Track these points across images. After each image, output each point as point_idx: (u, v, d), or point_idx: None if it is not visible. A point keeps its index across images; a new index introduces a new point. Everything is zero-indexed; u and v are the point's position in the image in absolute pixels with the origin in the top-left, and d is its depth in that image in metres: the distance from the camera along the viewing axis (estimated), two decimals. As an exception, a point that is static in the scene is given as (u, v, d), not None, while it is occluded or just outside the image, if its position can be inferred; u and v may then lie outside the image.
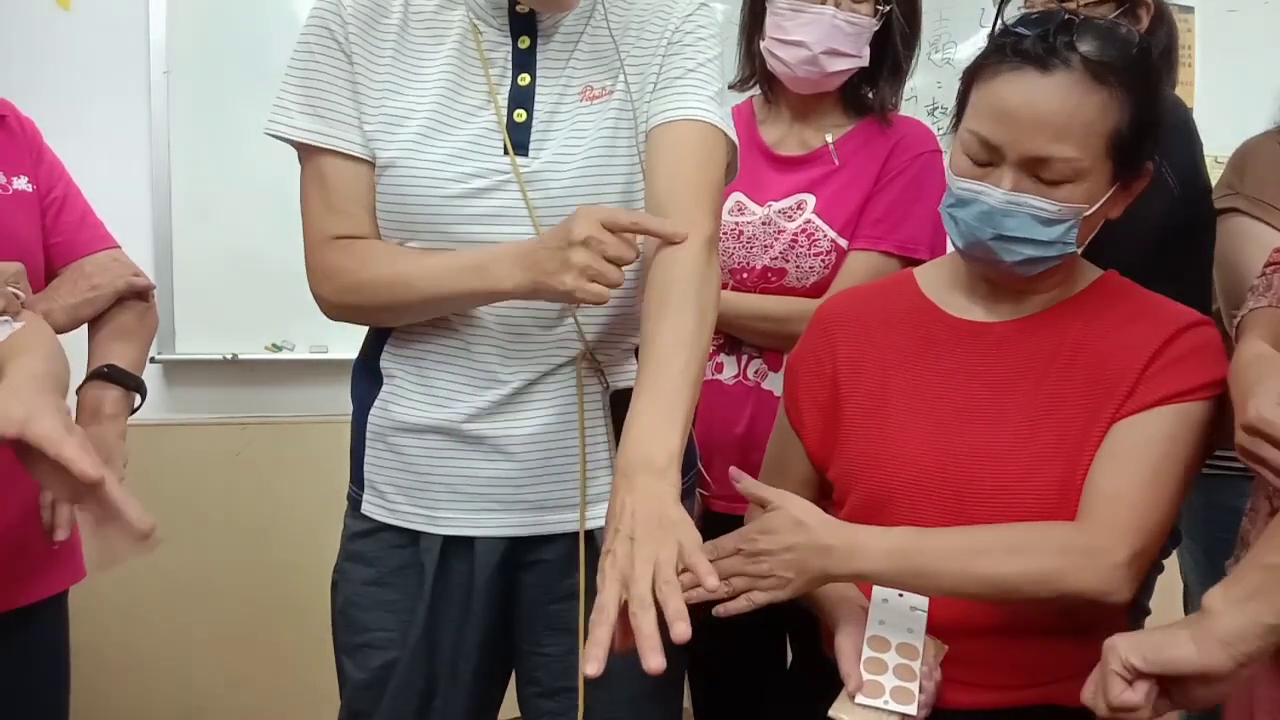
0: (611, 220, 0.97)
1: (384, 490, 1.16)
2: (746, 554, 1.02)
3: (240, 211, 2.28)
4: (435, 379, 1.13)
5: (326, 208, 1.10)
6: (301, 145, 1.10)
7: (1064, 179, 1.02)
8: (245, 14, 2.28)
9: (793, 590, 1.02)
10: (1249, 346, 1.06)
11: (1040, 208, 1.03)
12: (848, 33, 1.51)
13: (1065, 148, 1.01)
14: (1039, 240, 1.04)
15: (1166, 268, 1.37)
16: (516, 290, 1.01)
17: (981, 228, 1.05)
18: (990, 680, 1.09)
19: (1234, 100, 2.84)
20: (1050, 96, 1.01)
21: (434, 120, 1.09)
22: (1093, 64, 1.01)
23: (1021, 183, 1.03)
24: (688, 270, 1.00)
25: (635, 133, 1.12)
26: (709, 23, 1.16)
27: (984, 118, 1.04)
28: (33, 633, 1.27)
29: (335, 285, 1.10)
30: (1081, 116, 1.01)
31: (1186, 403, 1.05)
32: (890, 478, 1.12)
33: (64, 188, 1.35)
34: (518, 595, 1.18)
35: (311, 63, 1.09)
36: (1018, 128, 1.01)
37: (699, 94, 1.10)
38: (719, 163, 1.10)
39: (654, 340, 0.98)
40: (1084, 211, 1.04)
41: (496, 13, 1.12)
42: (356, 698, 1.18)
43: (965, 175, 1.07)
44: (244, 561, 2.31)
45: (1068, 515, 1.05)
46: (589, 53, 1.13)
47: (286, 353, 2.37)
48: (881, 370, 1.18)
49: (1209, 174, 1.56)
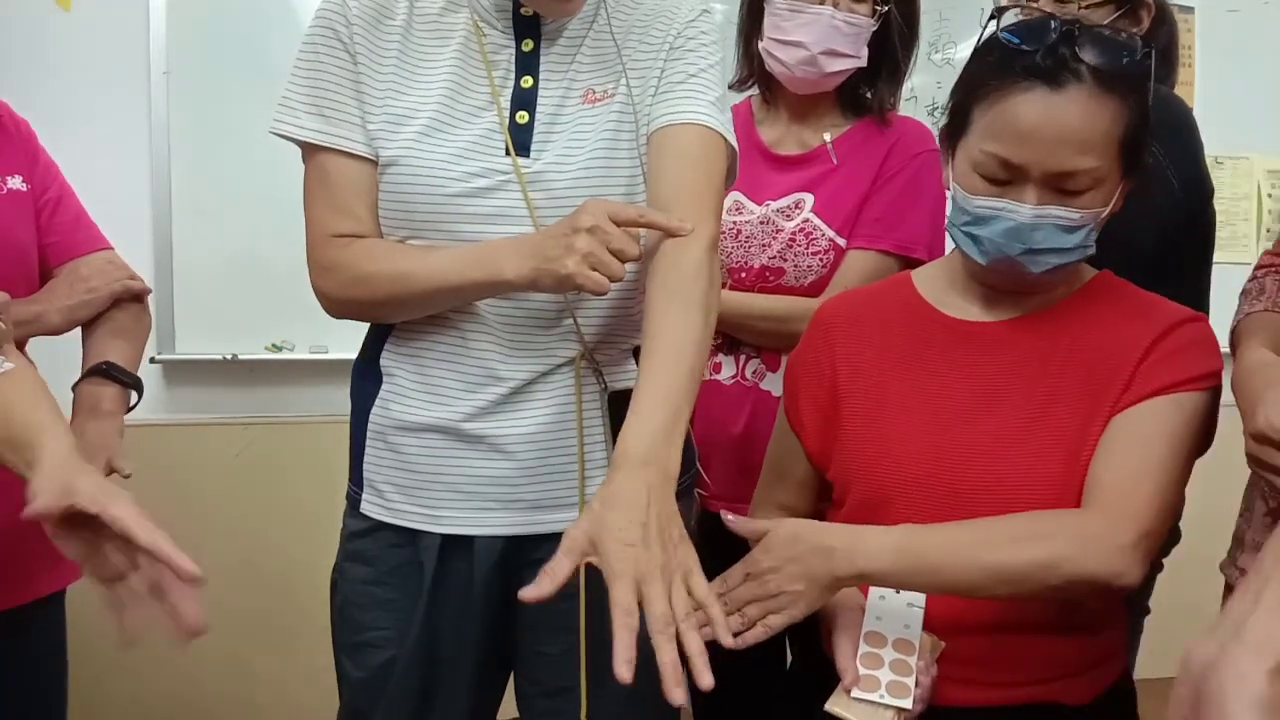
0: (618, 213, 0.99)
1: (383, 489, 1.16)
2: (753, 577, 1.01)
3: (240, 211, 2.28)
4: (435, 378, 1.13)
5: (329, 206, 1.11)
6: (306, 144, 1.11)
7: (1086, 189, 1.03)
8: (245, 14, 2.28)
9: (806, 605, 1.00)
10: (1251, 353, 1.06)
11: (1064, 217, 1.04)
12: (846, 33, 1.52)
13: (1088, 159, 1.02)
14: (1063, 249, 1.06)
15: (1167, 268, 1.37)
16: (518, 278, 1.01)
17: (1009, 244, 1.06)
18: (989, 678, 1.09)
19: (1234, 100, 2.86)
20: (1068, 112, 1.01)
21: (437, 119, 1.10)
22: (1102, 75, 1.02)
23: (1045, 196, 1.04)
24: (694, 270, 1.01)
25: (636, 135, 1.13)
26: (710, 29, 1.17)
27: (1002, 139, 1.04)
28: (31, 632, 1.27)
29: (337, 280, 1.10)
30: (1099, 127, 1.02)
31: (1182, 393, 1.05)
32: (888, 477, 1.12)
33: (59, 188, 1.35)
34: (517, 594, 1.18)
35: (316, 62, 1.10)
36: (1041, 147, 1.02)
37: (701, 99, 1.11)
38: (720, 167, 1.11)
39: (663, 336, 0.98)
40: (1102, 214, 1.06)
41: (501, 15, 1.13)
42: (356, 696, 1.18)
43: (982, 194, 1.07)
44: (244, 562, 2.32)
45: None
46: (592, 56, 1.14)
47: (286, 353, 2.37)
48: (879, 371, 1.18)
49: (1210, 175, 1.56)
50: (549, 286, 1.02)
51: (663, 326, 0.99)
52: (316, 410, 2.35)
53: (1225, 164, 2.92)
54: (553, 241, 0.99)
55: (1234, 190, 2.94)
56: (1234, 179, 2.94)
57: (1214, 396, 1.08)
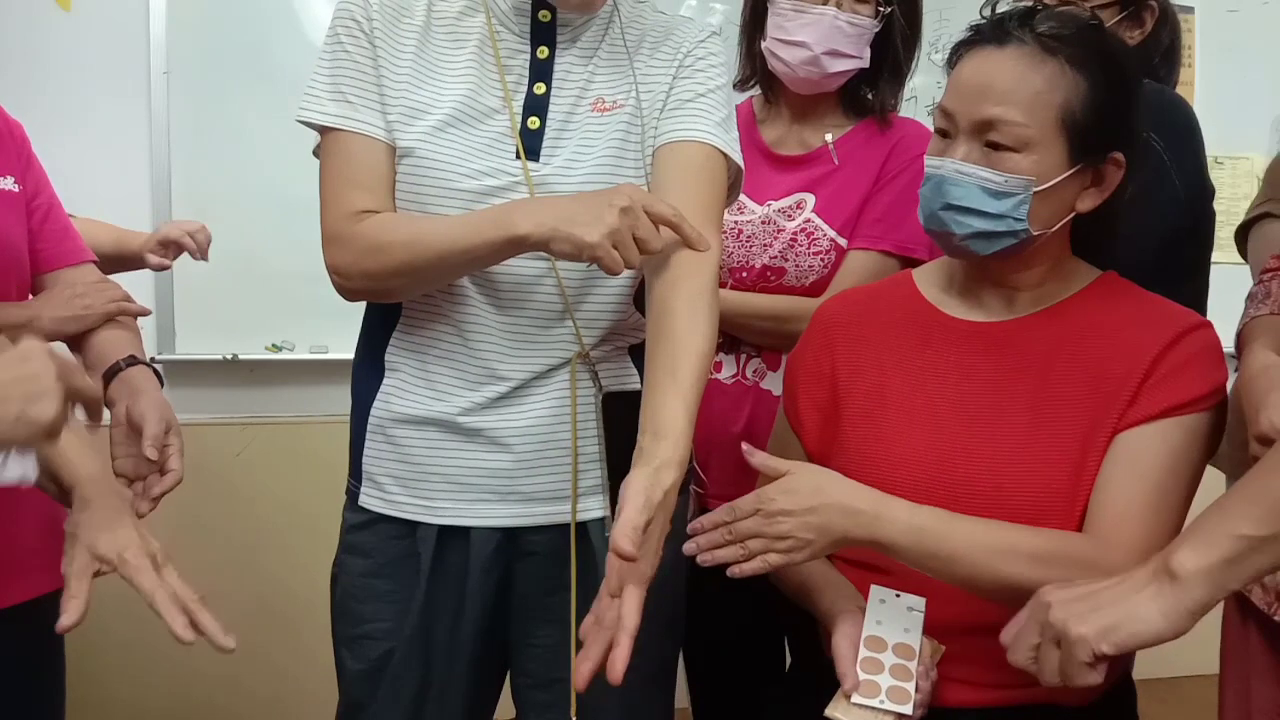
0: (652, 205, 1.01)
1: (382, 482, 1.17)
2: (765, 514, 1.00)
3: (240, 211, 2.28)
4: (436, 374, 1.15)
5: (349, 183, 1.11)
6: (328, 129, 1.12)
7: (1011, 146, 1.05)
8: (245, 14, 2.28)
9: (810, 553, 1.01)
10: (1256, 356, 1.06)
11: (986, 178, 1.05)
12: (849, 34, 1.52)
13: (1010, 111, 1.04)
14: (987, 213, 1.06)
15: (1167, 268, 1.36)
16: (533, 235, 1.01)
17: (934, 198, 1.09)
18: (989, 678, 1.08)
19: (1234, 100, 2.85)
20: (999, 65, 1.06)
21: (452, 116, 1.11)
22: (1044, 38, 1.05)
23: (972, 153, 1.07)
24: (708, 280, 1.05)
25: (643, 146, 1.15)
26: (719, 50, 1.21)
27: (946, 93, 1.10)
28: (26, 632, 1.27)
29: (353, 251, 1.09)
30: (1029, 84, 1.04)
31: (1190, 415, 1.05)
32: (887, 478, 1.12)
33: (48, 196, 1.35)
34: (511, 587, 1.19)
35: (341, 52, 1.12)
36: (968, 95, 1.06)
37: (707, 118, 1.14)
38: (722, 185, 1.15)
39: (684, 343, 1.00)
40: (1034, 185, 1.05)
41: (519, 18, 1.14)
42: (354, 688, 1.19)
43: (932, 154, 1.11)
44: (243, 561, 2.32)
45: (1065, 518, 1.06)
46: (604, 66, 1.17)
47: (286, 353, 2.37)
48: (879, 371, 1.18)
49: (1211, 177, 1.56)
50: (564, 250, 1.01)
51: (687, 333, 1.01)
52: (316, 410, 2.35)
53: (1225, 164, 2.91)
54: (581, 208, 1.00)
55: (1234, 190, 2.93)
56: (1234, 179, 2.94)
57: (1219, 411, 1.08)
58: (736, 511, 1.02)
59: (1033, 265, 1.12)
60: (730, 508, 1.02)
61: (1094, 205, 1.10)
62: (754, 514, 1.01)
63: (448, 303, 1.13)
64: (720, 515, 1.02)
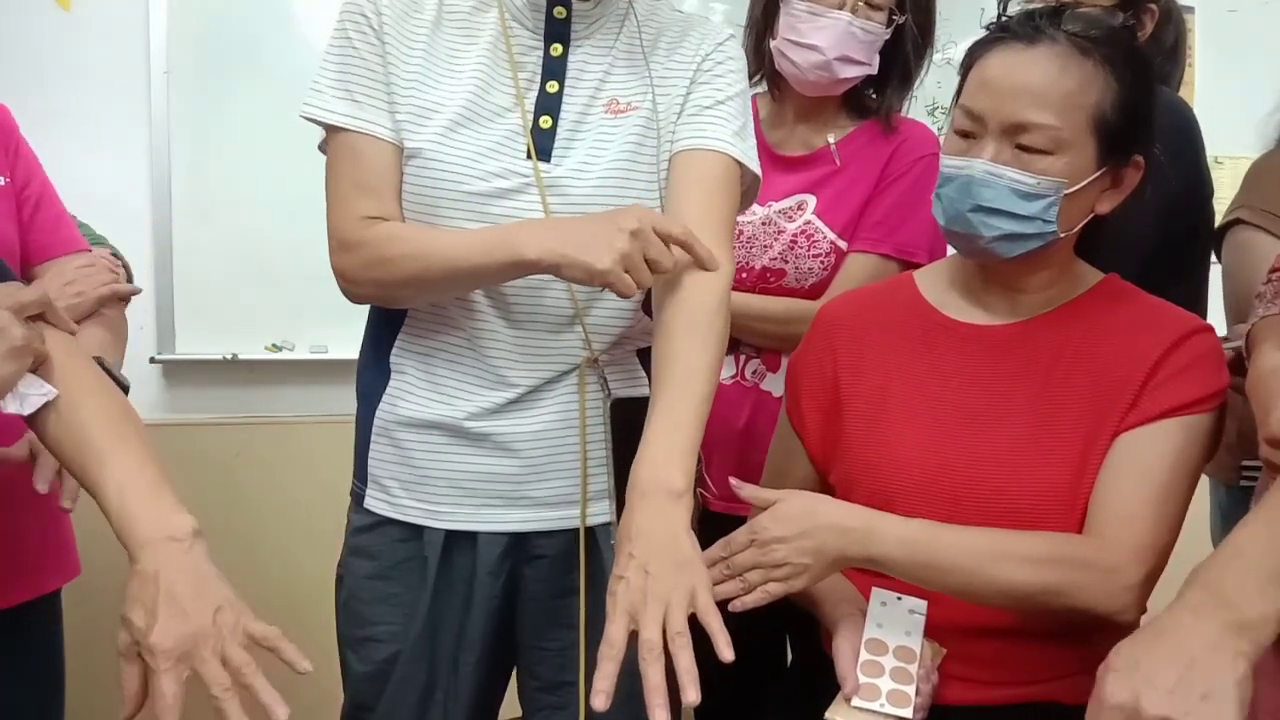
0: (661, 225, 1.00)
1: (387, 485, 1.17)
2: (759, 544, 1.01)
3: (240, 211, 2.27)
4: (443, 377, 1.14)
5: (356, 186, 1.10)
6: (334, 128, 1.10)
7: (1043, 149, 1.03)
8: (245, 14, 2.28)
9: (810, 578, 1.01)
10: (1266, 357, 1.06)
11: (1019, 180, 1.04)
12: (861, 40, 1.51)
13: (1044, 114, 1.02)
14: (1017, 215, 1.04)
15: (1167, 268, 1.37)
16: (541, 259, 1.00)
17: (961, 199, 1.06)
18: (990, 678, 1.09)
19: (1234, 100, 2.84)
20: (1032, 66, 1.03)
21: (463, 116, 1.10)
22: (1077, 39, 1.03)
23: (1003, 154, 1.04)
24: (718, 300, 1.05)
25: (659, 151, 1.14)
26: (738, 54, 1.19)
27: (970, 92, 1.07)
28: (26, 633, 1.26)
29: (359, 260, 1.08)
30: (1062, 85, 1.03)
31: (1191, 415, 1.05)
32: (889, 481, 1.12)
33: (40, 185, 1.32)
34: (519, 590, 1.18)
35: (350, 49, 1.10)
36: (999, 95, 1.04)
37: (726, 127, 1.14)
38: (737, 196, 1.15)
39: (680, 361, 1.01)
40: (1064, 188, 1.04)
41: (534, 13, 1.13)
42: (359, 690, 1.19)
43: (953, 153, 1.08)
44: (243, 562, 2.30)
45: (1066, 521, 1.06)
46: (620, 66, 1.15)
47: (286, 353, 2.36)
48: (882, 373, 1.18)
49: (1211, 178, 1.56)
50: (574, 276, 1.00)
51: (680, 353, 1.01)
52: (316, 410, 2.34)
53: (1225, 164, 2.91)
54: (589, 232, 0.99)
55: (1234, 190, 2.92)
56: (1234, 179, 2.92)
57: (1220, 414, 1.08)
58: (732, 546, 1.02)
59: (1044, 268, 1.12)
60: (725, 543, 1.02)
61: (1112, 206, 1.09)
62: (749, 545, 1.01)
63: (455, 306, 1.12)
64: (716, 551, 1.02)
